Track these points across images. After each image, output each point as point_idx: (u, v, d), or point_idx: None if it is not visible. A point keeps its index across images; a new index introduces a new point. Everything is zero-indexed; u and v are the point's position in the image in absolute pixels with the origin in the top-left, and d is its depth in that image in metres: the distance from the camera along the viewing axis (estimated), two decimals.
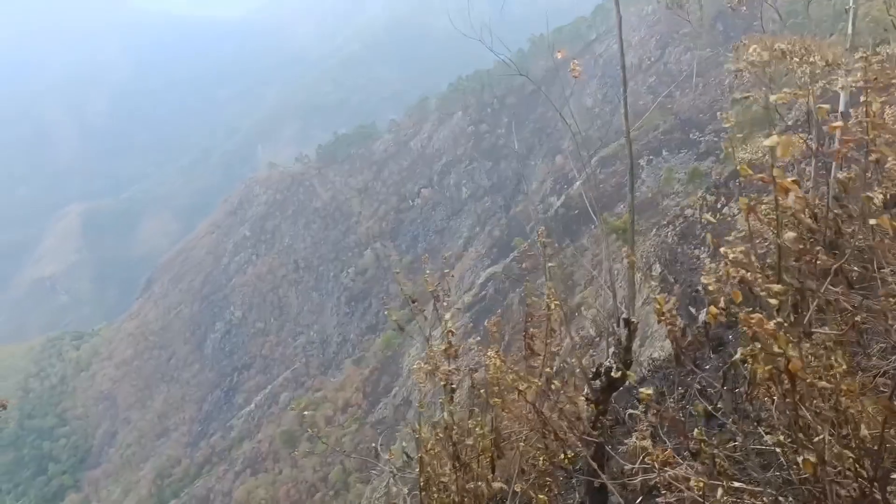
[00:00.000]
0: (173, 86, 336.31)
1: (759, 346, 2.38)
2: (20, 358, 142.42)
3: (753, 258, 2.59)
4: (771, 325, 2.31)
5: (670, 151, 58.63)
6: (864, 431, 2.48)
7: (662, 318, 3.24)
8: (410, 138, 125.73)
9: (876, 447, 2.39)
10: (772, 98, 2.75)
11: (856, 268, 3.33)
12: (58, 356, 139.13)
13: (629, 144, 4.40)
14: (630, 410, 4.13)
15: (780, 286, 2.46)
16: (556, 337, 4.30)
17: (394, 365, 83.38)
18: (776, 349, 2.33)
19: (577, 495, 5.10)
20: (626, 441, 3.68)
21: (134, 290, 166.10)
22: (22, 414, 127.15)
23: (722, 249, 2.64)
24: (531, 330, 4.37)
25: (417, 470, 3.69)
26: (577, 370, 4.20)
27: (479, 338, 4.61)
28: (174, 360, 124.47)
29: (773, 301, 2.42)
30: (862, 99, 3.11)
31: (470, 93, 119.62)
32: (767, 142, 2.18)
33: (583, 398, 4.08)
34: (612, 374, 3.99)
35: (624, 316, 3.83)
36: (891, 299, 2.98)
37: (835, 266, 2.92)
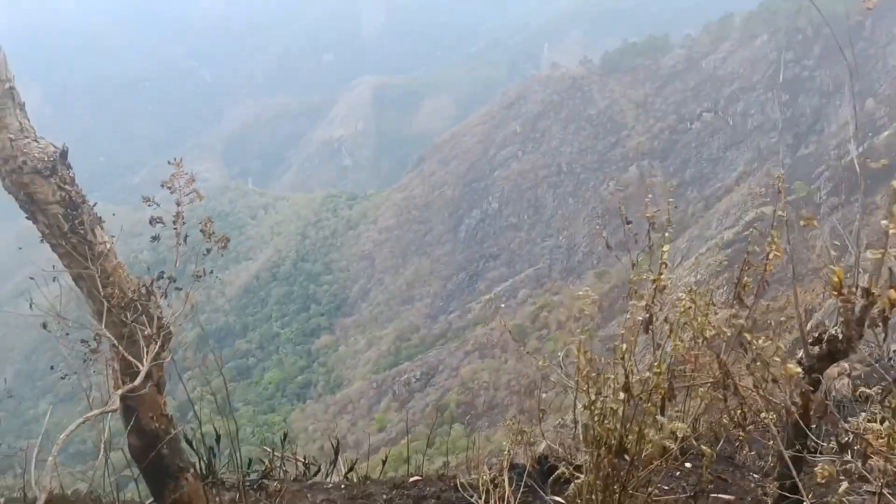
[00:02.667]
0: None
1: None
2: (303, 207, 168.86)
3: None
4: None
5: None
6: None
7: (837, 292, 3.11)
8: (703, 57, 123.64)
9: None
10: None
11: None
12: (333, 212, 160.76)
13: None
14: (862, 389, 4.14)
15: None
16: (769, 290, 4.07)
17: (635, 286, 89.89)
18: None
19: (771, 459, 4.96)
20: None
21: (406, 165, 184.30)
22: (297, 256, 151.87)
23: None
24: (745, 279, 4.11)
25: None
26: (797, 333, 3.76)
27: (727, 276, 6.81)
28: (430, 237, 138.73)
29: None
30: None
31: (782, 15, 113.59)
32: None
33: (793, 362, 3.66)
34: (837, 343, 3.56)
35: (864, 285, 3.23)
36: None
37: None
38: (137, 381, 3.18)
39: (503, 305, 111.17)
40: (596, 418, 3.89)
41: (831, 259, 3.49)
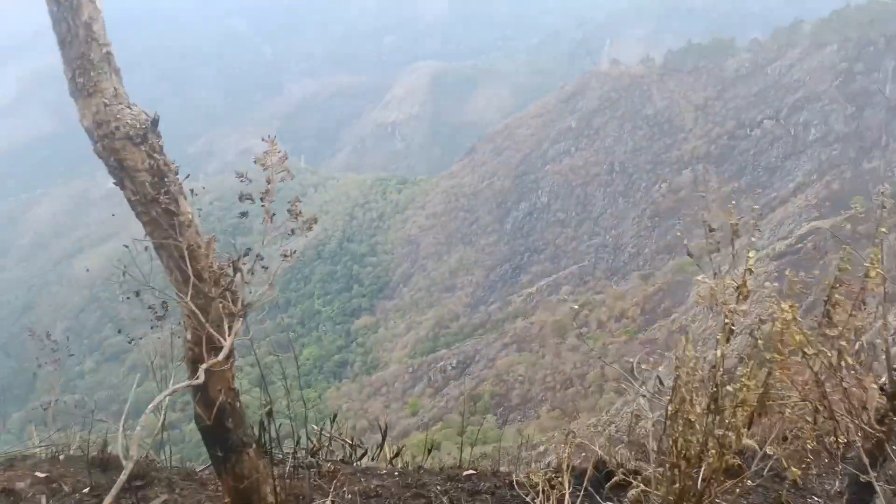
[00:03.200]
0: None
1: None
2: (353, 188, 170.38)
3: None
4: None
5: None
6: None
7: None
8: (769, 63, 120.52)
9: None
10: None
11: None
12: (382, 195, 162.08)
13: None
14: None
15: None
16: (865, 312, 3.98)
17: (680, 291, 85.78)
18: None
19: (837, 484, 4.97)
20: None
21: (457, 152, 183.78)
22: (343, 236, 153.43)
23: None
24: (836, 297, 4.00)
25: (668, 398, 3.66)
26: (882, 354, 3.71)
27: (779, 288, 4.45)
28: (476, 226, 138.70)
29: None
30: None
31: (853, 25, 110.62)
32: None
33: (876, 385, 3.65)
34: None
35: None
36: None
37: None
38: (221, 357, 3.18)
39: (548, 298, 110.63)
40: (679, 429, 3.66)
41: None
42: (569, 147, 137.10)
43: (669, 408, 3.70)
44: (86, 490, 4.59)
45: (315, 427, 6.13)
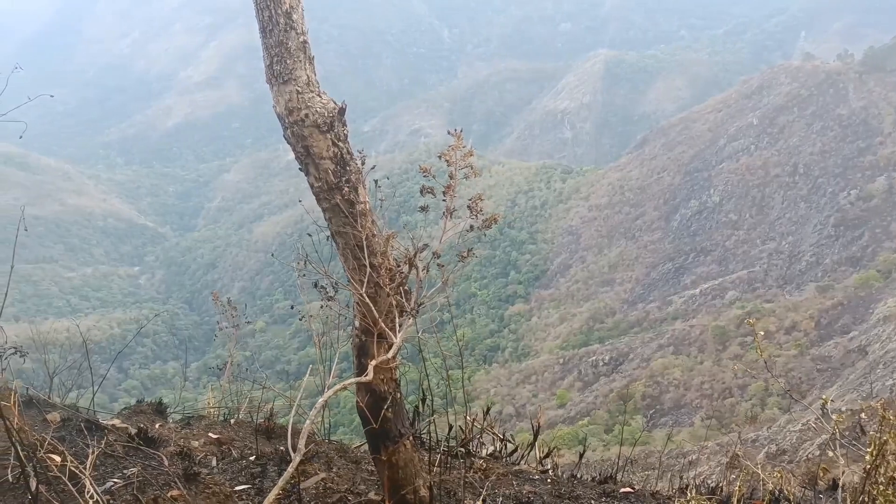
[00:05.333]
0: None
1: None
2: (517, 174, 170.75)
3: None
4: None
5: None
6: None
7: None
8: None
9: None
10: None
11: None
12: (546, 183, 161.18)
13: None
14: None
15: None
16: None
17: (862, 308, 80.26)
18: None
19: None
20: None
21: (626, 144, 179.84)
22: (504, 222, 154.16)
23: None
24: None
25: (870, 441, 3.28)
26: None
27: None
28: (640, 221, 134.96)
29: None
30: None
31: None
32: None
33: None
34: None
35: None
36: None
37: None
38: (391, 354, 3.19)
39: (711, 302, 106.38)
40: (881, 489, 3.18)
41: None
42: (748, 145, 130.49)
43: (866, 458, 3.23)
44: (252, 457, 4.81)
45: (461, 409, 6.05)
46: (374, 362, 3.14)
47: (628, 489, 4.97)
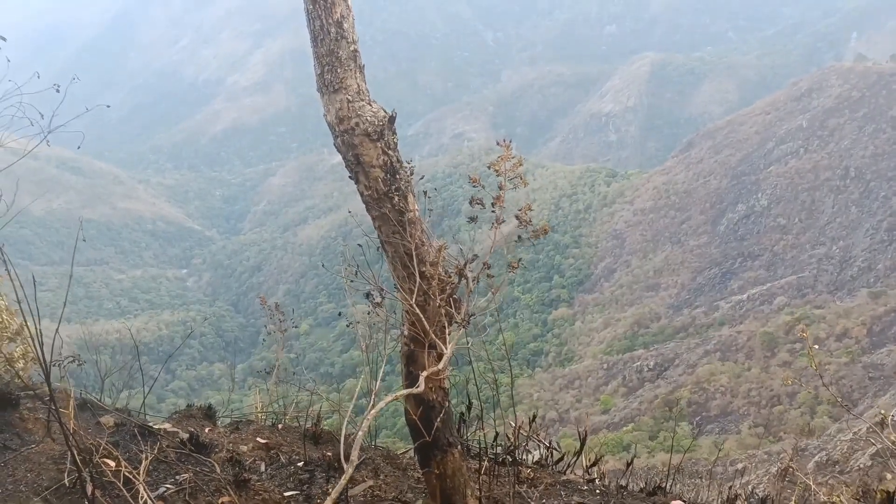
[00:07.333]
0: None
1: None
2: (561, 177, 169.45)
3: None
4: None
5: None
6: None
7: None
8: None
9: None
10: None
11: None
12: (590, 186, 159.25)
13: None
14: None
15: None
16: None
17: None
18: None
19: None
20: None
21: (672, 147, 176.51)
22: (548, 225, 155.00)
23: None
24: None
25: None
26: None
27: None
28: (686, 226, 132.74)
29: None
30: None
31: None
32: None
33: None
34: None
35: None
36: None
37: None
38: (441, 365, 3.16)
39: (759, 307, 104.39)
40: None
41: None
42: (797, 148, 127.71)
43: None
44: (300, 463, 4.83)
45: (506, 415, 5.98)
46: (424, 373, 3.12)
47: (679, 503, 4.86)
